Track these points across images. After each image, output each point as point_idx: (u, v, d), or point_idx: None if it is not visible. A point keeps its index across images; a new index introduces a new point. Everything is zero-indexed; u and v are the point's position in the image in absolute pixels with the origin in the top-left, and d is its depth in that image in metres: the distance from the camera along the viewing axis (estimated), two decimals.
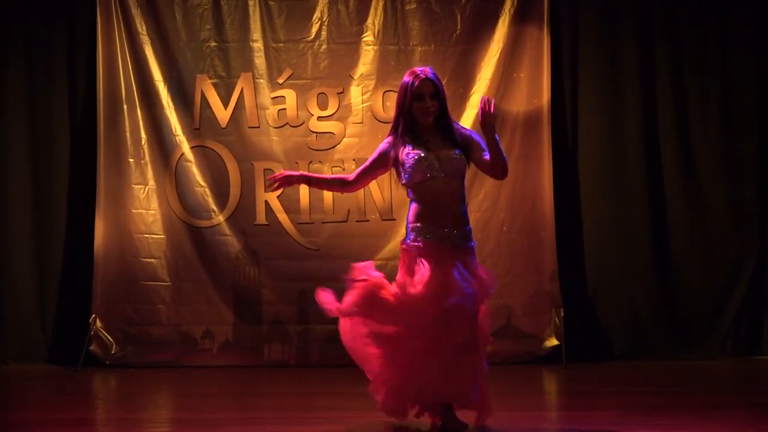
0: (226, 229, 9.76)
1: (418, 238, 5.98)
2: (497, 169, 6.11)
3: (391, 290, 5.95)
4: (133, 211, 9.73)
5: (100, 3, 9.82)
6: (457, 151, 6.07)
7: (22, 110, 9.93)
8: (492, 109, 5.86)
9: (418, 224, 6.02)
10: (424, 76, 6.04)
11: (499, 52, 9.83)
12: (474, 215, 9.62)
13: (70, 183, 9.93)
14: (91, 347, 9.53)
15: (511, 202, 9.76)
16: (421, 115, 6.06)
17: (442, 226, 6.00)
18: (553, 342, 9.54)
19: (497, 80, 9.82)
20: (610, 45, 9.96)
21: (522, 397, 7.82)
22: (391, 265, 9.55)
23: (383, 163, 6.21)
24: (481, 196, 9.75)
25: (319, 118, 9.90)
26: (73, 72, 10.02)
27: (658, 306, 9.78)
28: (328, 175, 6.32)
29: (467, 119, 9.79)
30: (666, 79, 9.91)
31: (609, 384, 8.55)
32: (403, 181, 6.15)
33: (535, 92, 9.79)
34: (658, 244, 9.82)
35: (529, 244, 9.73)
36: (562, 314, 9.52)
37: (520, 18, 9.84)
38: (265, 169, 9.76)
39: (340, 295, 9.47)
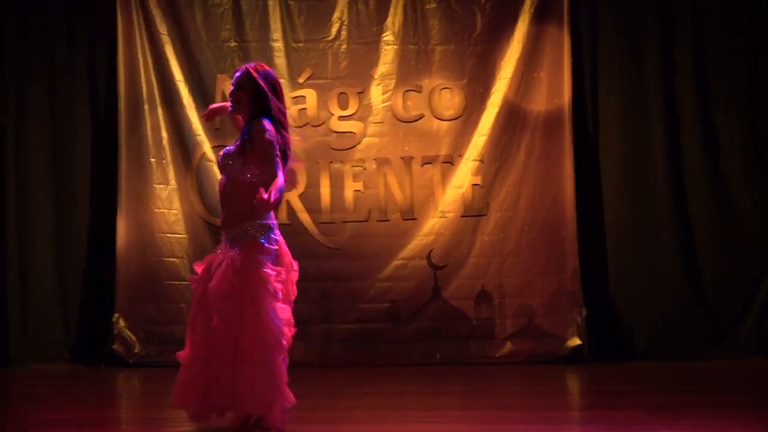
0: None
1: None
2: None
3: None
4: (155, 210, 9.76)
5: (121, 4, 9.86)
6: (227, 149, 6.03)
7: (44, 112, 9.98)
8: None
9: None
10: (240, 69, 6.05)
11: (519, 51, 9.83)
12: (494, 215, 9.67)
13: (92, 183, 9.97)
14: (114, 346, 9.56)
15: (532, 202, 9.75)
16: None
17: (221, 225, 6.06)
18: (576, 341, 9.51)
19: (517, 79, 9.82)
20: (631, 43, 9.94)
21: (544, 397, 7.80)
22: (413, 265, 9.68)
23: None
24: (502, 196, 9.76)
25: (340, 118, 9.92)
26: (94, 73, 10.06)
27: (681, 305, 9.72)
28: None
29: (488, 118, 9.82)
30: (688, 75, 9.87)
31: (631, 384, 8.51)
32: None
33: (555, 91, 9.78)
34: (681, 243, 9.77)
35: (550, 243, 9.72)
36: (584, 314, 9.51)
37: (540, 17, 9.84)
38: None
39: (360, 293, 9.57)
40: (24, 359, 9.72)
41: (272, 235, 5.99)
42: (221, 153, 6.08)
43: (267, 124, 5.87)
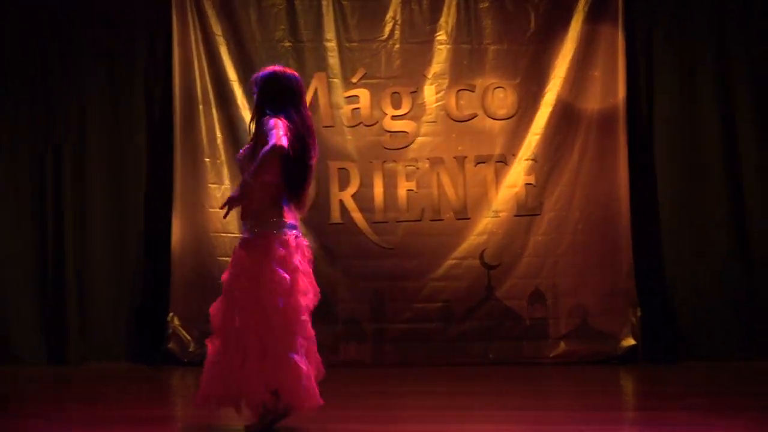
0: (302, 228, 9.77)
1: None
2: None
3: None
4: (209, 210, 9.80)
5: (176, 5, 9.94)
6: (242, 150, 6.22)
7: (100, 112, 10.09)
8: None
9: None
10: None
11: (573, 50, 9.80)
12: (548, 214, 9.65)
13: (148, 183, 10.06)
14: (169, 345, 9.65)
15: (586, 201, 9.71)
16: None
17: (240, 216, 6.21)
18: (630, 342, 9.47)
19: (571, 78, 9.79)
20: (686, 42, 9.86)
21: (594, 397, 7.75)
22: (466, 264, 9.66)
23: None
24: (555, 195, 9.73)
25: (393, 117, 9.94)
26: (150, 73, 10.13)
27: (737, 306, 9.60)
28: None
29: (541, 117, 9.81)
30: (743, 73, 9.79)
31: (685, 385, 8.43)
32: None
33: (609, 90, 9.73)
34: (738, 243, 9.67)
35: (604, 243, 9.68)
36: (639, 313, 9.47)
37: (594, 16, 9.80)
38: (339, 168, 9.81)
39: (414, 293, 9.57)
40: (81, 358, 9.83)
41: (282, 233, 6.09)
42: (239, 153, 6.27)
43: (269, 118, 5.94)
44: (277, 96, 6.09)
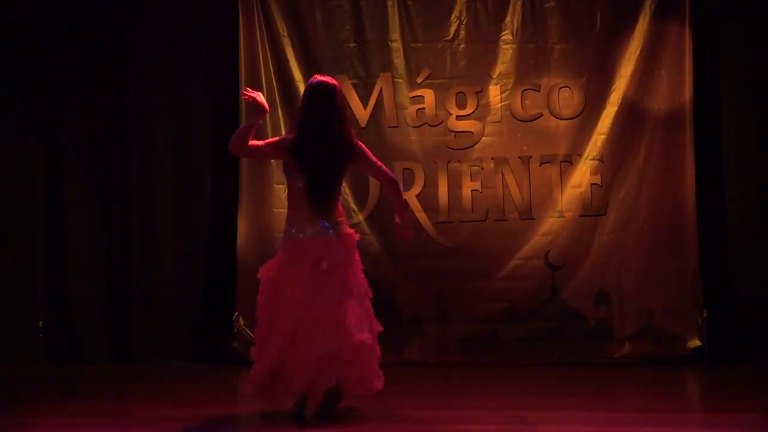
0: (366, 228, 9.81)
1: None
2: None
3: None
4: (275, 210, 9.83)
5: (242, 5, 9.99)
6: None
7: (166, 113, 10.20)
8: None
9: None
10: None
11: (639, 48, 9.69)
12: (614, 214, 9.59)
13: (213, 183, 10.15)
14: (234, 345, 9.71)
15: (652, 201, 9.62)
16: None
17: None
18: (696, 343, 9.38)
19: (637, 77, 9.69)
20: (755, 39, 9.72)
21: (664, 397, 7.74)
22: (531, 265, 9.61)
23: None
24: (621, 195, 9.65)
25: (458, 117, 9.91)
26: (215, 73, 10.20)
27: None
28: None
29: (607, 117, 9.73)
30: None
31: (753, 386, 8.34)
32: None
33: (676, 89, 9.62)
34: None
35: (670, 243, 9.57)
36: (705, 315, 9.37)
37: (661, 14, 9.68)
38: (404, 169, 9.82)
39: (479, 293, 9.57)
40: (147, 357, 9.96)
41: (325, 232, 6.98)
42: None
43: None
44: (301, 105, 6.82)
